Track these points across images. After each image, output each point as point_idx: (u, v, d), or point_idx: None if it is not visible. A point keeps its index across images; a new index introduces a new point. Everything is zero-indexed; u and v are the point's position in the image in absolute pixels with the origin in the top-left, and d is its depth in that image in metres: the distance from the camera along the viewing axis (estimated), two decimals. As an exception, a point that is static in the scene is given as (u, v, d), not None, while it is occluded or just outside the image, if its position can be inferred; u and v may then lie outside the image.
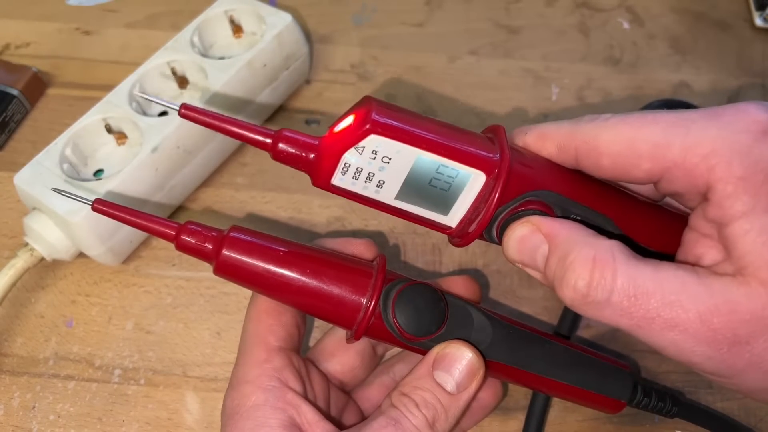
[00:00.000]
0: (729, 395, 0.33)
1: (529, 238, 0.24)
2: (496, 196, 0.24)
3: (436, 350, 0.26)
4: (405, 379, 0.26)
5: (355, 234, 0.39)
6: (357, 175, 0.24)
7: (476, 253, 0.38)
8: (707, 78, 0.47)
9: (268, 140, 0.24)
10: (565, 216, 0.25)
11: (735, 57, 0.48)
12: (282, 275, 0.25)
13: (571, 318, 0.34)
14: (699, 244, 0.23)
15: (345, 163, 0.24)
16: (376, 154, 0.23)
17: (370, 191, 0.24)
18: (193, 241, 0.25)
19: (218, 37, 0.42)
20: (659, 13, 0.51)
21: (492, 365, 0.26)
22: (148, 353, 0.35)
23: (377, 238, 0.38)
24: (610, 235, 0.24)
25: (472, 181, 0.24)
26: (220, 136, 0.38)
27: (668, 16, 0.50)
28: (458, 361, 0.25)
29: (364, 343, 0.30)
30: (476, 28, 0.49)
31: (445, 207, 0.25)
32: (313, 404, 0.26)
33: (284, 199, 0.40)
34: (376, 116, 0.23)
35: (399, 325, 0.25)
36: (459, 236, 0.26)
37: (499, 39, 0.48)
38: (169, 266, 0.37)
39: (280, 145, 0.24)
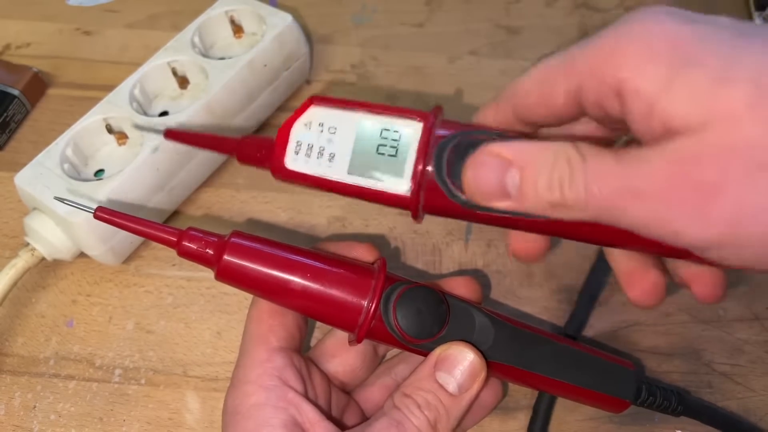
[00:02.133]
0: (729, 395, 0.33)
1: (490, 165, 0.23)
2: (432, 124, 0.24)
3: (438, 351, 0.26)
4: (407, 380, 0.26)
5: (355, 235, 0.39)
6: (309, 152, 0.25)
7: (476, 253, 0.38)
8: (707, 78, 0.47)
9: (233, 148, 0.27)
10: None
11: (735, 57, 0.48)
12: (283, 280, 0.25)
13: (579, 319, 0.34)
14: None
15: (297, 142, 0.25)
16: (322, 126, 0.25)
17: (322, 167, 0.25)
18: (195, 247, 0.25)
19: (219, 37, 0.42)
20: (659, 13, 0.51)
21: (494, 366, 0.26)
22: (149, 353, 0.35)
23: (377, 238, 0.38)
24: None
25: (413, 135, 0.25)
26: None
27: (668, 17, 0.50)
28: (460, 363, 0.25)
29: (365, 344, 0.30)
30: (476, 28, 0.49)
31: (396, 174, 0.25)
32: (314, 404, 0.26)
33: (284, 199, 0.40)
34: (316, 97, 0.26)
35: (401, 327, 0.25)
36: (413, 200, 0.25)
37: (499, 39, 0.48)
38: (170, 266, 0.37)
39: (243, 149, 0.27)
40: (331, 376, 0.29)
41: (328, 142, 0.25)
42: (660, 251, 0.26)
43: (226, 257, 0.25)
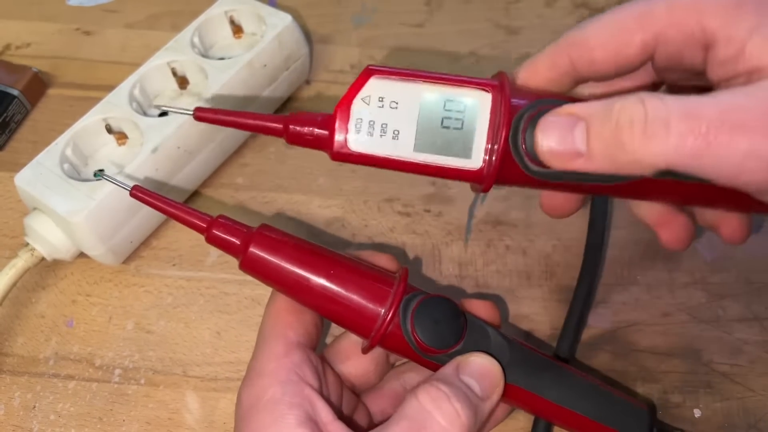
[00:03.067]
0: (728, 395, 0.33)
1: (561, 123, 0.22)
2: (507, 103, 0.24)
3: (460, 358, 0.26)
4: (428, 379, 0.25)
5: (355, 235, 0.39)
6: (371, 130, 0.24)
7: (476, 253, 0.38)
8: (706, 78, 0.47)
9: (280, 125, 0.25)
10: None
11: (734, 57, 0.48)
12: (305, 277, 0.25)
13: (570, 337, 0.34)
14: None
15: (357, 119, 0.24)
16: (383, 100, 0.24)
17: (387, 146, 0.25)
18: (223, 236, 0.25)
19: (218, 37, 0.42)
20: (659, 13, 0.51)
21: (506, 388, 0.26)
22: (149, 353, 0.35)
23: (376, 238, 0.39)
24: None
25: (481, 108, 0.24)
26: (220, 136, 0.39)
27: (668, 17, 0.50)
28: (482, 368, 0.25)
29: (378, 350, 0.30)
30: (476, 28, 0.49)
31: (464, 148, 0.25)
32: (328, 402, 0.25)
33: (284, 199, 0.40)
34: (373, 66, 0.25)
35: (417, 336, 0.25)
36: (488, 174, 0.25)
37: (499, 39, 0.48)
38: (170, 266, 0.37)
39: (292, 127, 0.25)
40: (343, 377, 0.29)
41: (390, 117, 0.24)
42: (704, 202, 0.28)
43: (252, 248, 0.25)
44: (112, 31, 0.48)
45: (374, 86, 0.24)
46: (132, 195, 0.26)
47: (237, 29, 0.43)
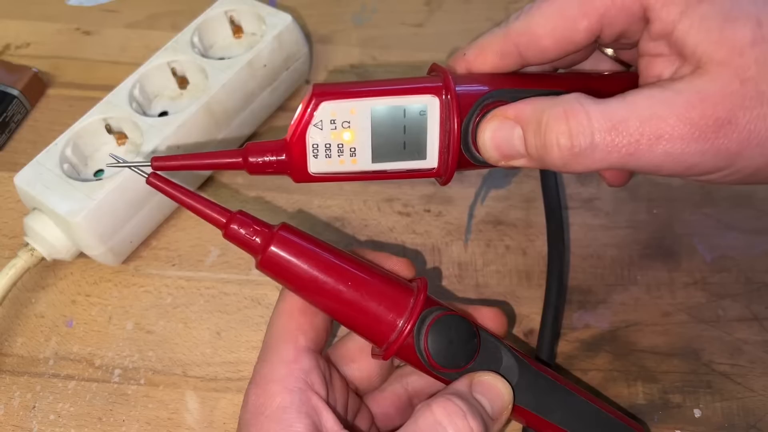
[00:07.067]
0: (728, 395, 0.33)
1: (500, 128, 0.24)
2: (455, 106, 0.25)
3: (473, 375, 0.26)
4: (442, 392, 0.25)
5: (355, 235, 0.39)
6: (328, 152, 0.25)
7: (476, 252, 0.38)
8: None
9: (239, 159, 0.25)
10: None
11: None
12: (324, 281, 0.25)
13: (548, 342, 0.34)
14: (654, 66, 0.24)
15: (313, 145, 0.25)
16: (335, 122, 0.25)
17: (347, 164, 0.25)
18: (243, 232, 0.25)
19: (218, 37, 0.42)
20: (659, 13, 0.51)
21: (513, 407, 0.26)
22: (148, 353, 0.35)
23: (376, 237, 0.38)
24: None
25: (429, 112, 0.25)
26: (220, 135, 0.39)
27: (668, 17, 0.50)
28: (495, 390, 0.25)
29: None
30: (476, 28, 0.49)
31: (419, 151, 0.26)
32: (334, 410, 0.25)
33: (284, 199, 0.40)
34: (318, 89, 0.25)
35: (430, 354, 0.25)
36: (444, 171, 0.26)
37: (499, 39, 0.48)
38: (169, 266, 0.37)
39: (251, 159, 0.25)
40: (347, 379, 0.29)
41: (344, 137, 0.25)
42: None
43: (272, 248, 0.25)
44: (112, 31, 0.48)
45: (325, 110, 0.25)
46: (148, 182, 0.25)
47: (237, 29, 0.43)
